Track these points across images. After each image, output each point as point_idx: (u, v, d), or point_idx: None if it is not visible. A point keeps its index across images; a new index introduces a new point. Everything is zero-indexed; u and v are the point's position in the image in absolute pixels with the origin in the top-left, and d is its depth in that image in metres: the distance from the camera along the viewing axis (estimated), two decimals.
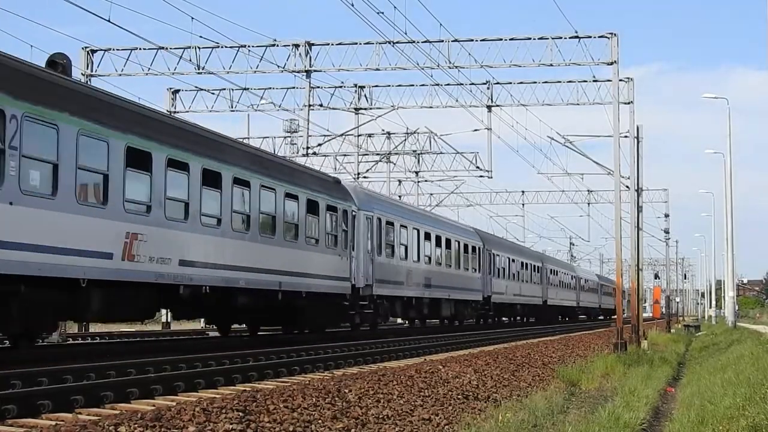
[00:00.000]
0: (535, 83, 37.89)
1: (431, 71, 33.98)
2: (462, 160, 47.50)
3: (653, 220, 70.11)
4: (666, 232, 71.03)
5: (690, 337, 48.53)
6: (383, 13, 26.58)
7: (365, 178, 46.54)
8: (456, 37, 32.42)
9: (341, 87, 38.99)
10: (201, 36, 31.01)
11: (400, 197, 52.03)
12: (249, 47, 33.24)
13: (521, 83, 38.07)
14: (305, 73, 34.34)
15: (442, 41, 32.30)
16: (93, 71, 33.70)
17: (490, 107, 38.29)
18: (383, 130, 45.87)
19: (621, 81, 31.68)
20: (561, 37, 32.11)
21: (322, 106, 39.05)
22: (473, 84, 36.35)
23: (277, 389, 12.49)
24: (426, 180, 52.91)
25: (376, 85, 40.20)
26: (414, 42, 31.26)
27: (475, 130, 40.41)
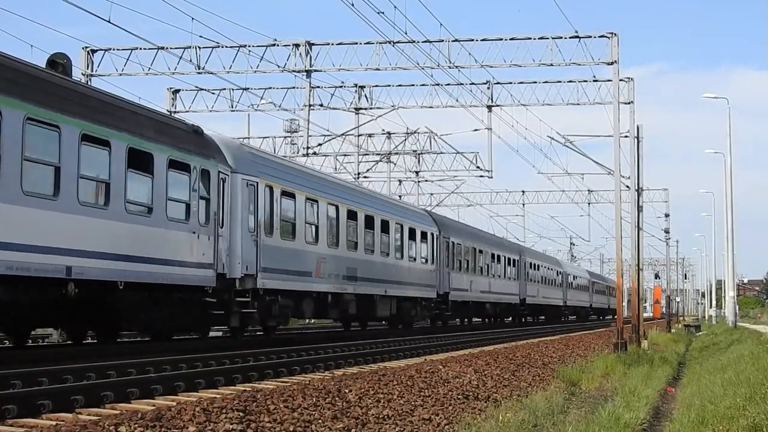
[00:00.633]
0: (535, 83, 37.88)
1: (431, 71, 34.01)
2: (462, 160, 47.55)
3: (653, 220, 70.14)
4: (666, 232, 71.02)
5: (690, 337, 48.52)
6: (383, 13, 26.59)
7: (365, 177, 46.55)
8: (456, 37, 32.42)
9: (341, 87, 39.03)
10: (201, 36, 30.99)
11: (400, 197, 51.86)
12: (249, 47, 33.23)
13: (521, 83, 38.04)
14: (305, 73, 34.33)
15: (442, 41, 32.29)
16: (93, 71, 33.69)
17: (490, 107, 38.27)
18: (383, 130, 45.92)
19: (621, 81, 31.66)
20: (561, 37, 32.09)
21: (322, 106, 39.05)
22: (473, 84, 36.33)
23: (277, 389, 12.50)
24: (426, 180, 52.90)
25: (376, 85, 40.21)
26: (414, 42, 31.27)
27: (475, 130, 40.44)
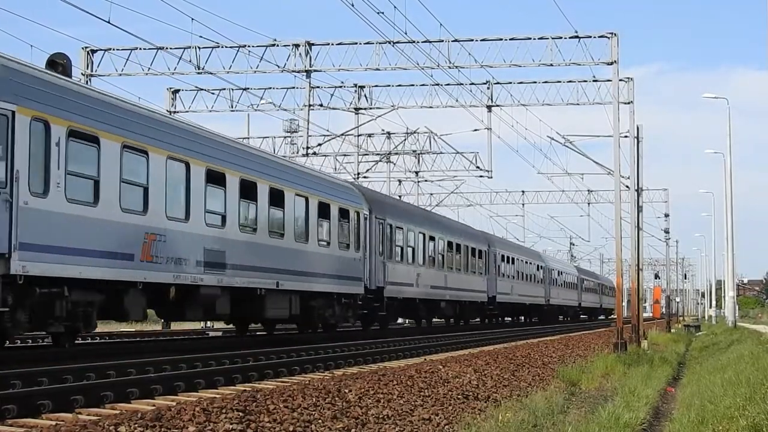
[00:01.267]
0: (535, 83, 37.90)
1: (431, 71, 34.02)
2: (462, 160, 47.52)
3: (653, 220, 70.21)
4: (666, 232, 71.07)
5: (690, 337, 48.52)
6: (383, 13, 26.59)
7: (365, 178, 46.53)
8: (456, 37, 32.43)
9: (341, 87, 39.03)
10: (201, 36, 31.00)
11: (400, 197, 51.83)
12: (249, 47, 33.23)
13: (521, 83, 38.06)
14: (305, 73, 34.33)
15: (442, 41, 32.29)
16: (93, 71, 33.69)
17: (490, 107, 38.27)
18: (383, 130, 45.89)
19: (621, 81, 31.67)
20: (561, 37, 32.09)
21: (322, 106, 39.05)
22: (473, 84, 36.34)
23: (277, 389, 12.49)
24: (426, 180, 52.86)
25: (376, 85, 40.21)
26: (414, 42, 31.26)
27: (475, 130, 40.43)
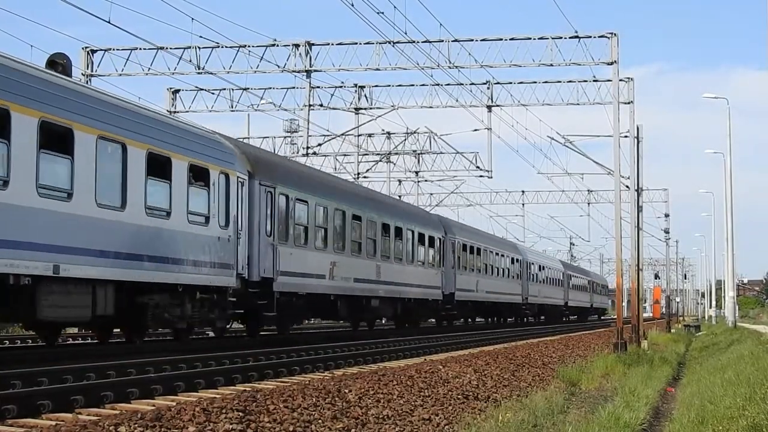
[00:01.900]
0: (535, 83, 37.90)
1: (431, 71, 34.02)
2: (462, 160, 47.54)
3: (653, 220, 70.17)
4: (666, 232, 71.05)
5: (690, 337, 48.51)
6: (383, 13, 26.59)
7: (365, 178, 46.54)
8: (456, 37, 32.43)
9: (341, 87, 39.04)
10: (201, 36, 30.96)
11: (400, 197, 51.84)
12: (249, 47, 33.22)
13: (521, 83, 38.07)
14: (305, 73, 34.33)
15: (442, 41, 32.29)
16: (93, 71, 33.69)
17: (490, 107, 38.27)
18: (383, 130, 45.91)
19: (621, 81, 31.66)
20: (561, 37, 32.09)
21: (322, 106, 39.06)
22: (473, 84, 36.34)
23: (277, 389, 12.49)
24: (426, 180, 52.88)
25: (376, 85, 40.22)
26: (414, 42, 31.26)
27: (475, 130, 40.43)
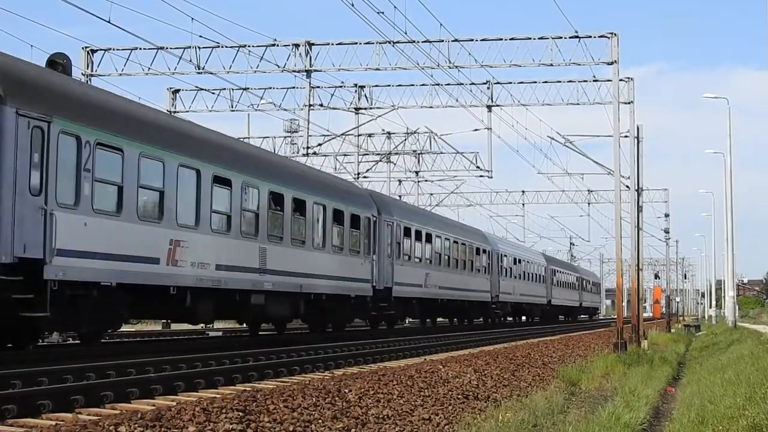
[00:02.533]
0: (535, 83, 37.91)
1: (431, 71, 34.00)
2: (462, 160, 47.54)
3: (653, 220, 70.18)
4: (666, 232, 71.04)
5: (690, 337, 48.51)
6: (383, 13, 26.57)
7: (365, 178, 46.54)
8: (456, 37, 32.42)
9: (341, 87, 39.03)
10: (201, 36, 30.96)
11: (400, 197, 51.85)
12: (249, 47, 33.22)
13: (521, 83, 38.08)
14: (305, 73, 34.33)
15: (442, 41, 32.29)
16: (93, 71, 33.69)
17: (490, 107, 38.27)
18: (383, 130, 45.89)
19: (621, 81, 31.66)
20: (561, 37, 32.09)
21: (322, 106, 39.04)
22: (473, 84, 36.33)
23: (277, 389, 12.49)
24: (426, 180, 52.88)
25: (376, 85, 40.22)
26: (414, 42, 31.25)
27: (475, 130, 40.43)
